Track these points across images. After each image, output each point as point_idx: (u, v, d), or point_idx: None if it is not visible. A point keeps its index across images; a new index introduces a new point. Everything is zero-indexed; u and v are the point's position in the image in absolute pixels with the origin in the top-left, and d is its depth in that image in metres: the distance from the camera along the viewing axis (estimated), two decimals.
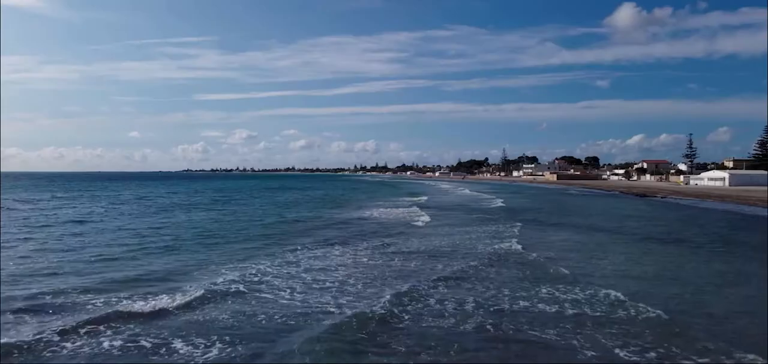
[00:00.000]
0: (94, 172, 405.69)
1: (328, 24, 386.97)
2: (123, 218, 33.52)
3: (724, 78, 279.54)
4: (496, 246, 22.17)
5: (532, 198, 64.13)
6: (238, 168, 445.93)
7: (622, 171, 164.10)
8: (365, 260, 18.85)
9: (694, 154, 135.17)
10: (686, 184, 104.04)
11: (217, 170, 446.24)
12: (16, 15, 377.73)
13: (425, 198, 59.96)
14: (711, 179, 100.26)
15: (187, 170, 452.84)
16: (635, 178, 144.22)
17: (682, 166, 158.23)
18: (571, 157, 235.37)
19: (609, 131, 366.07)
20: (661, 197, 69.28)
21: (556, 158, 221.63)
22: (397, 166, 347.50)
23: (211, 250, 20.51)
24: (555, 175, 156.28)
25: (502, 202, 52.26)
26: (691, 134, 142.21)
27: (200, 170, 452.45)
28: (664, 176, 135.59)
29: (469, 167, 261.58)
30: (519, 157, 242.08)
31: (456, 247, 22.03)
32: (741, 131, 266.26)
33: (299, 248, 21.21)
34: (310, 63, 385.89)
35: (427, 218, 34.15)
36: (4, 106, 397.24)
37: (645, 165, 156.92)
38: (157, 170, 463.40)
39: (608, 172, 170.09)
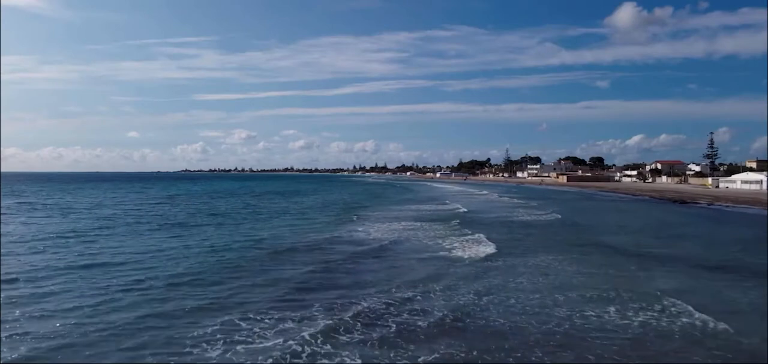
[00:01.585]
0: (91, 173, 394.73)
1: (327, 24, 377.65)
2: (26, 247, 22.52)
3: (724, 78, 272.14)
4: (684, 321, 11.60)
5: (569, 206, 52.76)
6: (236, 168, 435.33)
7: (634, 172, 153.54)
8: None
9: (715, 155, 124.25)
10: (715, 187, 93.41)
11: (215, 170, 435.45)
12: (16, 15, 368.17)
13: (461, 207, 47.61)
14: (744, 182, 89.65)
15: (186, 170, 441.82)
16: (650, 180, 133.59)
17: (695, 167, 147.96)
18: (575, 157, 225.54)
19: (609, 131, 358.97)
20: (707, 204, 58.46)
21: (561, 159, 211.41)
22: (397, 167, 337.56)
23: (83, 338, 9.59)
24: (565, 177, 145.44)
25: (555, 214, 41.01)
26: (712, 133, 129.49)
27: (198, 170, 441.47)
28: (682, 178, 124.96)
29: (471, 168, 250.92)
30: (522, 158, 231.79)
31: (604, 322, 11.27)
32: (741, 132, 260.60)
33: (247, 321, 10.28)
34: (310, 63, 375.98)
35: (488, 247, 22.87)
36: (4, 106, 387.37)
37: (659, 166, 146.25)
38: (156, 170, 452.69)
39: (619, 174, 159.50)
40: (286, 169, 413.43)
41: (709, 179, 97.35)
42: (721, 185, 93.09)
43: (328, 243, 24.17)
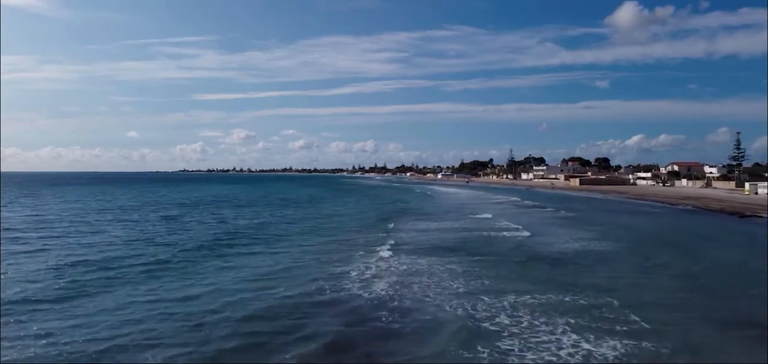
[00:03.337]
0: (87, 173, 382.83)
1: (327, 24, 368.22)
2: None
3: (724, 78, 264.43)
4: None
5: (625, 222, 40.34)
6: (235, 168, 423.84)
7: (647, 174, 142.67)
8: None
9: (742, 156, 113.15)
10: (755, 193, 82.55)
11: (213, 171, 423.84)
12: (16, 15, 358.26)
13: (509, 224, 36.18)
14: None
15: (184, 170, 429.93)
16: (669, 183, 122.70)
17: (712, 170, 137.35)
18: (581, 158, 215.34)
19: (609, 132, 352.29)
20: None
21: (567, 159, 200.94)
22: (397, 167, 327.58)
23: None
24: (577, 180, 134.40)
25: (628, 241, 28.03)
26: (739, 133, 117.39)
27: (197, 170, 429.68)
28: (706, 182, 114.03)
29: (473, 169, 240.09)
30: (525, 159, 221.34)
31: None
32: (741, 132, 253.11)
33: None
34: (310, 63, 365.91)
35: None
36: (4, 106, 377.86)
37: (676, 167, 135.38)
38: (155, 170, 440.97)
39: (630, 176, 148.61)
40: (285, 170, 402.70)
41: (747, 185, 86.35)
42: (761, 191, 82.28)
43: (330, 339, 12.86)
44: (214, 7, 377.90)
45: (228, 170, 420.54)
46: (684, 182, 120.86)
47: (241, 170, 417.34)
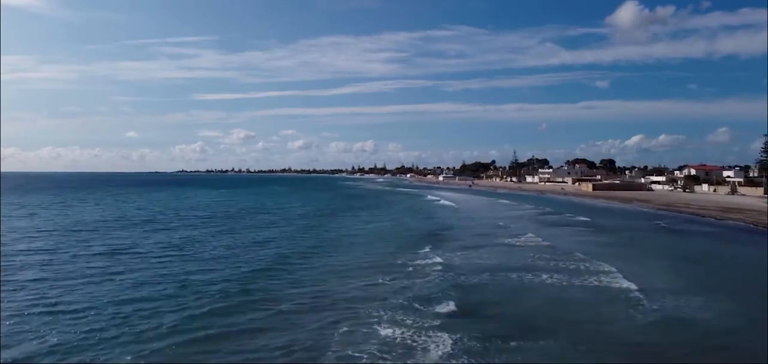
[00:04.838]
0: (86, 173, 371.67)
1: (327, 24, 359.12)
2: None
3: (723, 78, 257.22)
4: None
5: (717, 248, 29.81)
6: (233, 169, 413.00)
7: (661, 178, 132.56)
8: None
9: None
10: None
11: (212, 171, 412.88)
12: (16, 15, 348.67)
13: (622, 279, 19.97)
14: None
15: (182, 171, 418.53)
16: (688, 189, 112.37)
17: (729, 173, 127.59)
18: (586, 160, 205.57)
19: (609, 132, 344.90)
20: None
21: (574, 161, 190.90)
22: (396, 168, 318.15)
23: None
24: (589, 185, 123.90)
25: None
26: (767, 134, 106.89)
27: (195, 171, 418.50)
28: (731, 188, 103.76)
29: (475, 170, 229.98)
30: (529, 160, 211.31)
31: None
32: (741, 132, 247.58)
33: None
34: (310, 63, 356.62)
35: None
36: (4, 106, 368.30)
37: (694, 171, 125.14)
38: (154, 171, 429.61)
39: (643, 179, 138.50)
40: (284, 170, 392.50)
41: None
42: None
43: None
44: (214, 7, 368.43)
45: (227, 171, 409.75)
46: (704, 187, 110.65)
47: (240, 171, 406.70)
